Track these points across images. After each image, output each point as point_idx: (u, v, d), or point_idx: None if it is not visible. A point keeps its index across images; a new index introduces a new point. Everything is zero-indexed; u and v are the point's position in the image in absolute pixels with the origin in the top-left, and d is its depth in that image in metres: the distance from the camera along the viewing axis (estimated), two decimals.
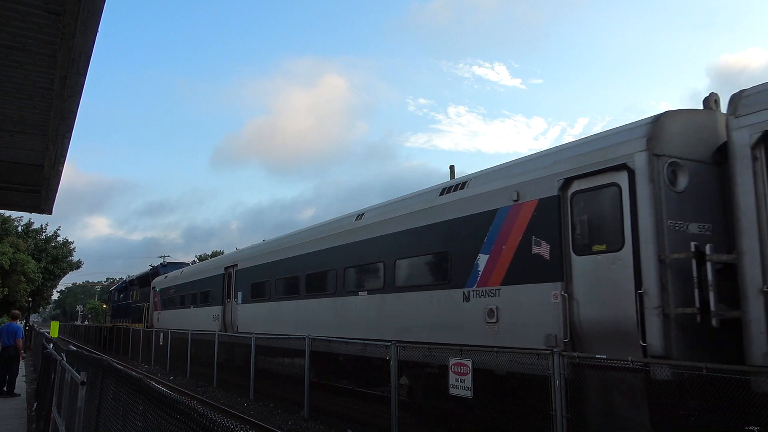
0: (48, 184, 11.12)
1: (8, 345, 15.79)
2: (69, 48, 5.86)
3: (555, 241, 8.36)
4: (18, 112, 7.87)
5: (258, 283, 18.34)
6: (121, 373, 5.56)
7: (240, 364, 17.21)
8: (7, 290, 40.33)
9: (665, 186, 7.29)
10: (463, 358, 8.87)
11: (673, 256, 7.02)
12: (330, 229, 14.87)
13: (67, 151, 9.17)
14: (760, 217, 6.26)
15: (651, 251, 7.11)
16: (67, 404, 7.53)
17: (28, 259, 43.08)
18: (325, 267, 14.47)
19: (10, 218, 45.11)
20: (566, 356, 7.26)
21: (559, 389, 7.14)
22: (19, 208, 15.58)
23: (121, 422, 5.22)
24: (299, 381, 13.17)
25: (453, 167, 22.03)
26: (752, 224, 6.32)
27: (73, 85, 6.67)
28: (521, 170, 9.41)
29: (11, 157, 9.95)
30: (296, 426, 11.96)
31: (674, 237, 7.17)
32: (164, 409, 3.71)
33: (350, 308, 13.15)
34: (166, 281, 30.18)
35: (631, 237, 7.40)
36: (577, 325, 7.92)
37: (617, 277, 7.50)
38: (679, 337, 6.91)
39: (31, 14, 5.53)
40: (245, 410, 14.01)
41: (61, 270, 55.60)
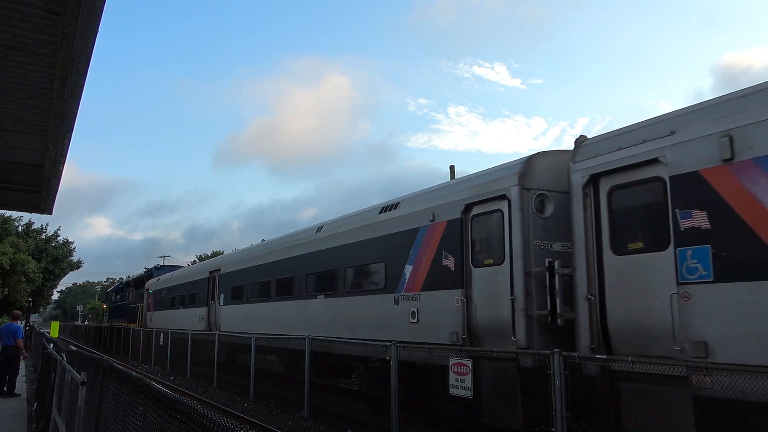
0: (48, 184, 11.12)
1: (8, 345, 15.80)
2: (69, 48, 5.86)
3: (458, 255, 10.03)
4: (18, 112, 7.88)
5: (237, 287, 19.88)
6: (121, 373, 5.57)
7: (240, 363, 17.22)
8: (8, 290, 40.34)
9: (533, 213, 8.99)
10: (464, 359, 8.89)
11: (535, 269, 8.67)
12: (296, 239, 16.57)
13: (67, 151, 9.17)
14: (587, 241, 7.92)
15: (520, 265, 8.81)
16: (67, 404, 7.53)
17: (29, 259, 43.11)
18: (292, 273, 16.14)
19: (10, 218, 45.13)
20: (566, 356, 7.27)
21: (559, 389, 7.14)
22: (19, 208, 15.58)
23: (121, 422, 5.22)
24: (299, 381, 13.18)
25: (453, 167, 22.04)
26: (581, 246, 7.98)
27: (73, 85, 6.67)
28: (437, 195, 11.14)
29: (11, 157, 9.95)
30: (296, 426, 11.96)
31: (540, 254, 8.80)
32: (164, 409, 3.71)
33: (311, 309, 14.79)
34: (158, 284, 31.54)
35: (509, 253, 9.05)
36: (473, 324, 9.60)
37: (500, 286, 9.17)
38: (538, 333, 8.60)
39: (31, 14, 5.53)
40: (245, 410, 14.02)
41: (61, 270, 55.61)
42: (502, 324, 9.03)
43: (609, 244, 7.74)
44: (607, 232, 7.78)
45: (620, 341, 7.44)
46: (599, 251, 7.85)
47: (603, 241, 7.81)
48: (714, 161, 6.57)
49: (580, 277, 7.95)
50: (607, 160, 7.77)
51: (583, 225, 7.98)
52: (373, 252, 12.50)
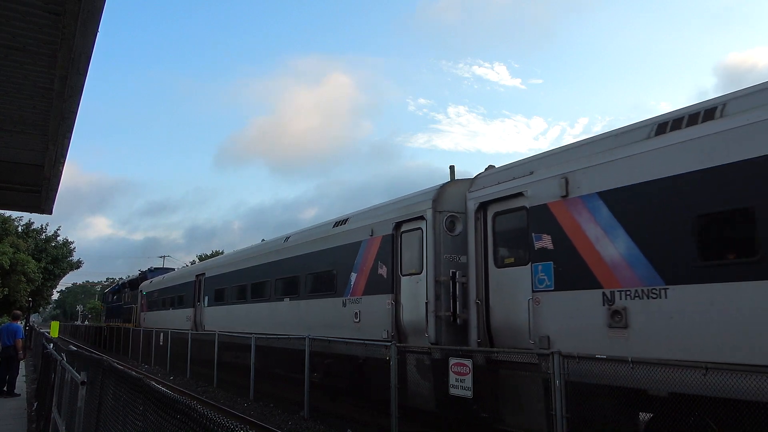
0: (48, 184, 11.12)
1: (8, 345, 15.79)
2: (69, 48, 5.86)
3: (390, 265, 11.83)
4: (18, 112, 7.88)
5: (219, 290, 21.72)
6: (121, 373, 5.57)
7: (240, 363, 17.24)
8: (8, 290, 40.33)
9: (444, 231, 10.79)
10: (464, 359, 8.89)
11: (443, 278, 10.47)
12: (268, 247, 18.47)
13: (67, 151, 9.17)
14: (477, 256, 9.82)
15: (432, 275, 10.63)
16: (67, 404, 7.53)
17: (28, 259, 43.08)
18: (264, 278, 17.92)
19: (10, 218, 45.10)
20: (566, 356, 7.27)
21: (559, 389, 7.15)
22: (19, 208, 15.58)
23: (121, 422, 5.22)
24: (299, 381, 13.19)
25: (453, 167, 21.99)
26: (473, 260, 9.91)
27: (73, 85, 6.67)
28: (376, 213, 12.92)
29: (11, 157, 9.95)
30: (296, 426, 11.96)
31: (448, 265, 10.56)
32: (164, 409, 3.71)
33: (280, 311, 16.50)
34: (151, 285, 33.20)
35: (425, 264, 10.90)
36: (400, 324, 11.46)
37: (419, 292, 10.98)
38: (444, 330, 10.43)
39: (31, 14, 5.53)
40: (245, 410, 14.02)
41: (61, 270, 55.57)
42: (420, 323, 10.85)
43: (492, 259, 9.68)
44: (491, 249, 9.72)
45: (499, 337, 9.39)
46: (486, 264, 9.75)
47: (488, 256, 9.73)
48: (556, 197, 8.42)
49: (471, 285, 9.87)
50: (492, 192, 9.71)
51: (474, 243, 9.90)
52: (328, 261, 14.25)
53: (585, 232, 7.91)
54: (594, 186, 7.90)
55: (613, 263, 7.49)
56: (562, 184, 8.29)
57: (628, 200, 7.45)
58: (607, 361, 7.02)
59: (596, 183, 7.88)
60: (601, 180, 7.83)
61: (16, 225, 47.42)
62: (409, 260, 11.50)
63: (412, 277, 11.26)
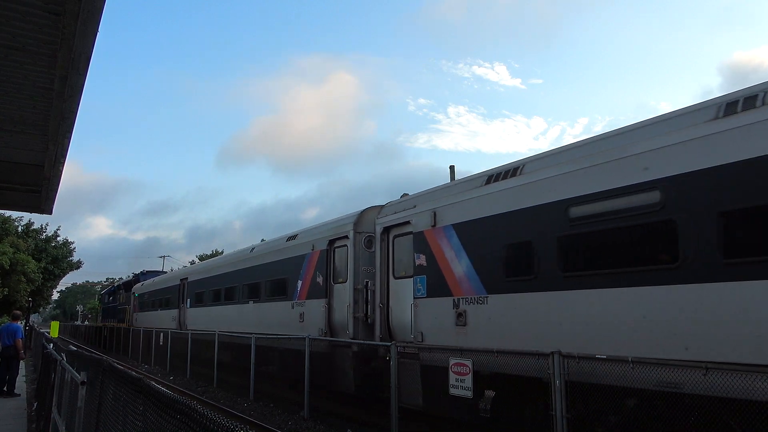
0: (48, 184, 11.12)
1: (8, 345, 15.79)
2: (69, 48, 5.86)
3: (324, 275, 14.39)
4: (18, 112, 7.88)
5: (199, 293, 24.33)
6: (121, 373, 5.57)
7: (240, 363, 17.27)
8: (8, 290, 40.33)
9: (362, 248, 13.38)
10: (464, 359, 8.88)
11: (359, 286, 13.17)
12: (237, 256, 21.33)
13: (67, 151, 9.17)
14: (382, 268, 12.39)
15: (351, 283, 13.27)
16: (67, 404, 7.53)
17: (28, 259, 43.08)
18: (234, 283, 20.57)
19: (10, 218, 45.09)
20: (566, 356, 7.27)
21: (559, 389, 7.15)
22: (19, 208, 15.58)
23: (121, 422, 5.22)
24: (299, 381, 13.19)
25: (453, 167, 22.04)
26: (379, 271, 12.47)
27: (73, 85, 6.67)
28: (317, 231, 15.44)
29: (11, 157, 9.95)
30: (296, 426, 11.96)
31: (364, 276, 13.16)
32: (164, 409, 3.71)
33: (245, 312, 19.06)
34: (142, 288, 35.67)
35: (348, 274, 13.42)
36: (332, 323, 14.02)
37: (344, 297, 13.53)
38: (361, 329, 12.99)
39: (31, 14, 5.53)
40: (245, 410, 14.02)
41: (61, 270, 55.57)
42: (344, 323, 13.36)
43: (392, 271, 12.15)
44: (391, 263, 12.19)
45: (396, 333, 11.79)
46: (387, 276, 12.23)
47: (389, 269, 12.21)
48: (428, 226, 10.85)
49: (377, 291, 12.41)
50: (391, 219, 12.16)
51: (380, 258, 12.43)
52: (281, 269, 16.62)
53: (444, 253, 10.38)
54: (449, 219, 10.36)
55: (459, 278, 9.92)
56: (432, 216, 10.76)
57: (468, 231, 9.88)
58: (606, 361, 7.02)
59: (450, 217, 10.35)
60: (453, 215, 10.29)
61: (16, 225, 47.43)
62: (338, 271, 14.04)
63: (340, 284, 13.79)
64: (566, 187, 8.19)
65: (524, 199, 8.80)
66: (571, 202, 8.06)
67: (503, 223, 9.11)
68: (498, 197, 9.34)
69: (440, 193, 11.06)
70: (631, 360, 6.68)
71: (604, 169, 7.70)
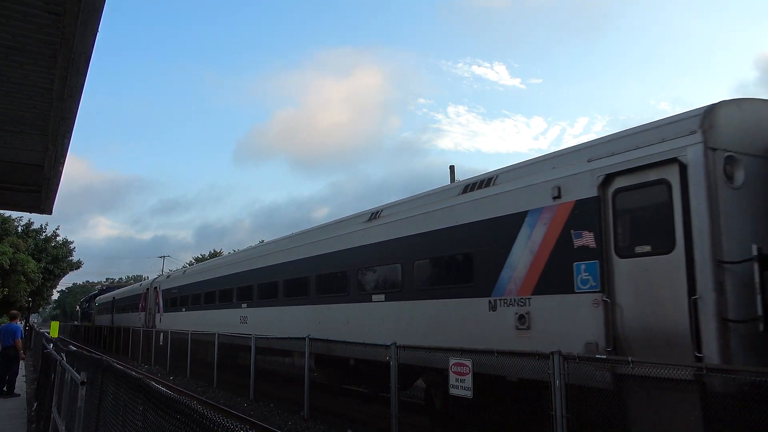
0: (48, 184, 11.12)
1: (8, 345, 15.78)
2: (69, 48, 5.85)
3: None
4: (18, 112, 7.87)
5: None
6: (121, 373, 5.57)
7: (240, 363, 17.29)
8: (7, 290, 40.26)
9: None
10: (464, 359, 8.88)
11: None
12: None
13: (67, 151, 9.17)
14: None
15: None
16: (67, 404, 7.53)
17: (28, 259, 43.01)
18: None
19: (10, 218, 45.05)
20: (566, 356, 7.26)
21: (559, 389, 7.15)
22: (19, 208, 15.57)
23: (121, 422, 5.22)
24: (299, 381, 13.19)
25: (453, 167, 22.03)
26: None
27: (73, 85, 6.67)
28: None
29: (11, 157, 9.94)
30: (296, 426, 11.96)
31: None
32: (164, 409, 3.71)
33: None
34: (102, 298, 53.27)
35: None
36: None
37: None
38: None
39: (31, 14, 5.53)
40: (245, 410, 14.01)
41: (61, 270, 55.49)
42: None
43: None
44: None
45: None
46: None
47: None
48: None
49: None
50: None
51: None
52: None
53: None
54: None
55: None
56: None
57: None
58: (606, 361, 7.02)
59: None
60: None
61: (16, 225, 47.40)
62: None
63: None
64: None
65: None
66: None
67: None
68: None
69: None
70: (631, 360, 6.68)
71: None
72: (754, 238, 6.64)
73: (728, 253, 6.62)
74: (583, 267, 7.93)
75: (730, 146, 6.98)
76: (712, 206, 6.71)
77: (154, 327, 28.63)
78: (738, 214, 6.86)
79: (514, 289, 8.93)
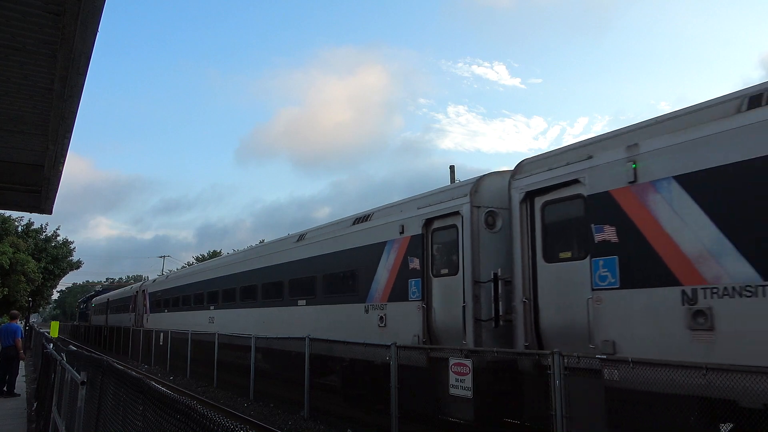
0: (48, 184, 11.12)
1: (8, 345, 15.79)
2: (69, 48, 5.86)
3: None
4: (18, 112, 7.87)
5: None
6: (121, 373, 5.57)
7: (240, 363, 17.30)
8: (7, 290, 40.28)
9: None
10: (464, 359, 8.89)
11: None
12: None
13: (67, 151, 9.17)
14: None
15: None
16: (67, 404, 7.53)
17: (28, 259, 43.03)
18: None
19: (10, 218, 45.06)
20: (566, 356, 7.27)
21: (559, 389, 7.15)
22: (19, 208, 15.57)
23: (121, 422, 5.22)
24: (299, 381, 13.19)
25: (453, 168, 22.04)
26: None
27: (73, 85, 6.67)
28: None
29: (11, 157, 9.95)
30: (296, 426, 11.97)
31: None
32: (164, 409, 3.71)
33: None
34: (98, 299, 56.82)
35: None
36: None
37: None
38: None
39: (31, 14, 5.53)
40: (245, 410, 14.02)
41: (61, 270, 55.52)
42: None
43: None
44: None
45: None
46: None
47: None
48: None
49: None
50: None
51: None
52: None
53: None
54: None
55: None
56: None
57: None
58: (607, 362, 7.03)
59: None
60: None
61: (16, 225, 47.41)
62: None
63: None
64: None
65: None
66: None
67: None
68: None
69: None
70: (631, 360, 6.69)
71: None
72: (498, 265, 9.64)
73: (483, 275, 9.89)
74: (414, 283, 11.27)
75: (490, 204, 10.29)
76: (474, 244, 10.08)
77: (142, 326, 31.50)
78: (493, 249, 10.08)
79: (378, 297, 12.32)
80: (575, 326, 8.03)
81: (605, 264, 7.63)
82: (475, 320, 9.71)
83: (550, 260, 8.70)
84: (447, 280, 10.59)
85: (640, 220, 7.32)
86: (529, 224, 9.05)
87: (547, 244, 8.80)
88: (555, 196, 8.71)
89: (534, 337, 8.73)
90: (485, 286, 9.74)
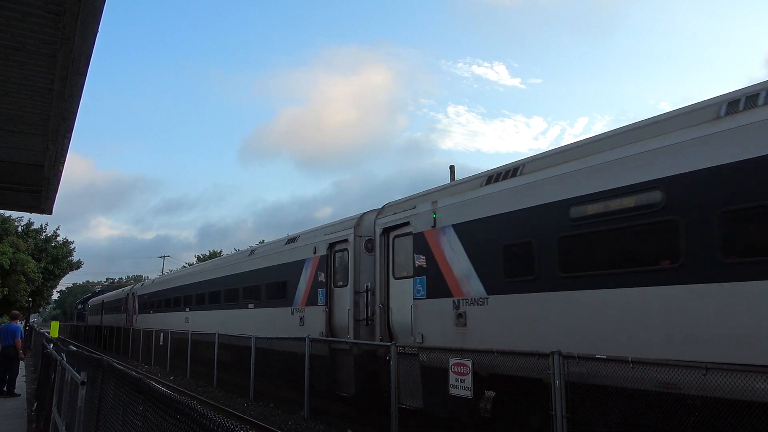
0: (48, 184, 11.13)
1: (8, 345, 15.79)
2: (69, 48, 5.86)
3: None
4: (18, 112, 7.87)
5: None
6: (121, 373, 5.57)
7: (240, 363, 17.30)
8: (7, 290, 40.27)
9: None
10: (464, 359, 8.89)
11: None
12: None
13: (67, 151, 9.17)
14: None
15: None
16: (67, 404, 7.53)
17: (28, 259, 43.01)
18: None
19: (10, 218, 45.05)
20: (566, 356, 7.26)
21: (559, 389, 7.15)
22: (19, 208, 15.58)
23: (121, 422, 5.22)
24: (299, 381, 13.19)
25: (453, 168, 22.04)
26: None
27: (73, 85, 6.67)
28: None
29: (11, 157, 9.94)
30: (296, 426, 11.96)
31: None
32: (164, 409, 3.71)
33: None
34: (94, 301, 58.96)
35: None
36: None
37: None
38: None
39: (31, 14, 5.53)
40: (245, 410, 14.02)
41: (61, 270, 55.47)
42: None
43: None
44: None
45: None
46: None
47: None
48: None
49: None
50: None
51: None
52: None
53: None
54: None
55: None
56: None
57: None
58: (606, 361, 7.03)
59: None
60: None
61: (16, 225, 47.39)
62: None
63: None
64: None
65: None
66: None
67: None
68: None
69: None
70: (631, 360, 6.69)
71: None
72: (370, 280, 12.81)
73: (361, 287, 13.10)
74: (321, 291, 14.48)
75: (369, 234, 13.25)
76: (356, 264, 13.41)
77: (131, 326, 34.49)
78: (369, 268, 12.98)
79: (299, 302, 15.56)
80: (406, 324, 11.22)
81: (419, 281, 10.90)
82: (355, 320, 12.98)
83: (396, 277, 11.98)
84: (341, 290, 13.91)
85: (436, 253, 10.58)
86: (386, 251, 12.27)
87: (395, 266, 12.08)
88: (399, 232, 11.93)
89: (386, 332, 11.94)
90: (362, 294, 12.92)
